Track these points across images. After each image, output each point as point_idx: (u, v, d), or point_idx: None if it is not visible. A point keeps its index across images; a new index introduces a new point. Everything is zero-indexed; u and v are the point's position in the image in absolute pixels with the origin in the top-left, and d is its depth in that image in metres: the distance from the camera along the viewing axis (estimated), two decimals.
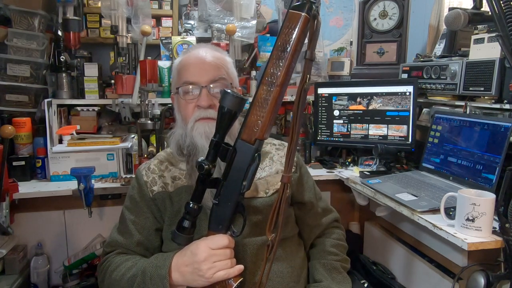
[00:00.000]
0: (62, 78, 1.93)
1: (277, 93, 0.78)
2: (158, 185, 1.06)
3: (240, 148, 0.82)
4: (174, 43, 2.10)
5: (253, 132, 0.80)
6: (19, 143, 1.84)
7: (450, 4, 2.28)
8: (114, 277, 0.98)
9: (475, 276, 1.20)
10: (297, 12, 0.77)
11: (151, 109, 1.80)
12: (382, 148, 1.81)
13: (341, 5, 2.64)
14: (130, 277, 0.95)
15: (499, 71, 1.48)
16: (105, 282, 1.01)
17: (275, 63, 0.78)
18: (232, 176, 0.83)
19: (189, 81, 1.01)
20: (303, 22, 0.76)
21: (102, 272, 1.04)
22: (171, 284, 0.88)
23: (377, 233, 1.96)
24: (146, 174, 1.08)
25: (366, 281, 1.78)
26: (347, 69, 2.38)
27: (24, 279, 1.82)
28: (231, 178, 0.83)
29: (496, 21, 0.97)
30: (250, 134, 0.80)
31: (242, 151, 0.81)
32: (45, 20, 1.92)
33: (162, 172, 1.07)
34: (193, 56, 1.04)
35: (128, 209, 1.08)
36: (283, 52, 0.77)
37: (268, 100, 0.78)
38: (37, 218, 1.90)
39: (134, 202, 1.08)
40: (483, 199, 1.16)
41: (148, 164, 1.11)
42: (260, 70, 2.19)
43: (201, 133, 0.98)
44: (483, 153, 1.47)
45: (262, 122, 0.79)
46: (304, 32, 0.77)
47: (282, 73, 0.77)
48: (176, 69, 1.07)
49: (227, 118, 0.82)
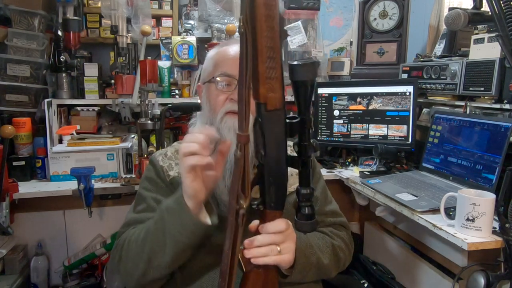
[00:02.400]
0: (62, 78, 1.93)
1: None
2: (175, 170, 1.05)
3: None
4: (174, 43, 2.10)
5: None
6: (19, 143, 1.84)
7: (450, 4, 2.29)
8: (132, 240, 0.93)
9: (475, 276, 1.20)
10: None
11: (151, 109, 1.80)
12: (382, 148, 1.81)
13: (341, 5, 2.64)
14: (147, 227, 0.91)
15: (499, 71, 1.48)
16: (122, 258, 0.94)
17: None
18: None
19: (227, 73, 1.00)
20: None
21: (118, 250, 0.97)
22: (188, 207, 0.84)
23: (377, 233, 1.96)
24: (163, 160, 1.07)
25: (366, 281, 1.79)
26: (347, 69, 2.37)
27: (24, 279, 1.82)
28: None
29: (496, 21, 0.98)
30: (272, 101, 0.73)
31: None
32: (45, 20, 1.92)
33: (178, 161, 1.07)
34: (232, 50, 1.03)
35: (147, 189, 1.05)
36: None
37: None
38: (37, 218, 1.90)
39: (152, 181, 1.05)
40: (483, 199, 1.17)
41: (165, 151, 1.11)
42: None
43: (230, 127, 0.97)
44: (483, 153, 1.47)
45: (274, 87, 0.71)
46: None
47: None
48: (212, 59, 1.05)
49: (309, 91, 0.75)
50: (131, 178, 1.81)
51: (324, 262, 0.97)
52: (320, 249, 0.98)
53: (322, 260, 0.97)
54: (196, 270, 0.98)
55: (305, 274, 0.93)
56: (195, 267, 0.98)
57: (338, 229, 1.13)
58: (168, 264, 0.89)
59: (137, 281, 0.93)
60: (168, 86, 2.11)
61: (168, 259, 0.88)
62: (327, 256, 0.99)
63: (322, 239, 1.02)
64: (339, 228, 1.13)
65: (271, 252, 0.80)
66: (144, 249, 0.88)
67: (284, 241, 0.82)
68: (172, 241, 0.86)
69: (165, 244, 0.86)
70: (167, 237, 0.86)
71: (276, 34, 0.67)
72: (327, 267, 0.99)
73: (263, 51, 0.67)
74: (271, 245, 0.81)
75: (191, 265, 0.98)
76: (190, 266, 0.98)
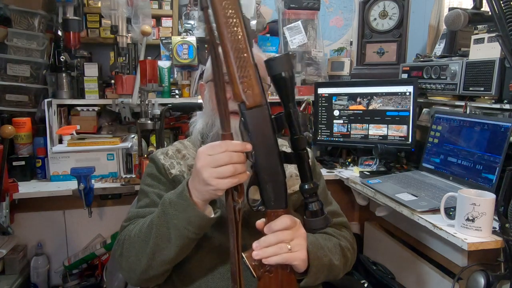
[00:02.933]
0: (62, 78, 1.93)
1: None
2: (176, 169, 1.05)
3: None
4: (174, 43, 2.10)
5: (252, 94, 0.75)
6: (19, 143, 1.84)
7: (450, 4, 2.29)
8: (134, 235, 0.92)
9: (475, 276, 1.20)
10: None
11: (151, 109, 1.80)
12: (382, 148, 1.81)
13: (341, 5, 2.64)
14: (149, 221, 0.89)
15: (499, 71, 1.48)
16: (124, 254, 0.93)
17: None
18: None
19: None
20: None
21: (119, 245, 0.96)
22: (194, 203, 0.82)
23: (377, 233, 1.96)
24: (164, 159, 1.07)
25: (366, 281, 1.79)
26: (347, 69, 2.38)
27: (24, 279, 1.82)
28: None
29: (496, 21, 0.97)
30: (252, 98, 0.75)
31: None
32: (45, 20, 1.92)
33: (180, 160, 1.07)
34: None
35: (150, 185, 1.05)
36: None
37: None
38: (37, 218, 1.90)
39: (154, 177, 1.05)
40: (483, 199, 1.16)
41: (166, 150, 1.11)
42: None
43: (231, 128, 0.97)
44: (483, 153, 1.47)
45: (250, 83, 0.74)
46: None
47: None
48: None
49: (289, 83, 0.76)
50: (131, 178, 1.81)
51: (336, 263, 0.95)
52: (330, 250, 0.96)
53: (334, 261, 0.95)
54: (194, 271, 0.98)
55: (318, 276, 0.90)
56: (194, 268, 0.98)
57: (340, 229, 1.12)
58: (172, 259, 0.88)
59: (139, 277, 0.93)
60: (168, 86, 2.11)
61: (173, 254, 0.87)
62: (337, 257, 0.97)
63: (329, 240, 1.00)
64: (341, 228, 1.12)
65: (281, 250, 0.78)
66: (148, 244, 0.88)
67: (293, 238, 0.81)
68: (177, 236, 0.85)
69: (170, 239, 0.85)
70: (172, 231, 0.85)
71: (240, 36, 0.72)
72: (338, 268, 0.97)
73: (229, 54, 0.72)
74: (280, 244, 0.79)
75: (190, 266, 0.98)
76: (188, 267, 0.98)
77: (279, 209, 0.80)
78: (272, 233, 0.79)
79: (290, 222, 0.80)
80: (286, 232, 0.80)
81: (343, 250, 1.01)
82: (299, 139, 0.78)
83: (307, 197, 0.80)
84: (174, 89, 2.15)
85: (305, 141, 0.79)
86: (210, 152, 0.76)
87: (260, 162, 0.77)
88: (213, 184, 0.75)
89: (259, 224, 0.81)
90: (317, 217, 0.79)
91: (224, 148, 0.75)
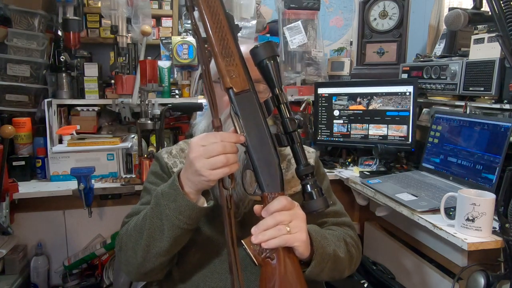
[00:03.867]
0: (62, 78, 1.93)
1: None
2: (179, 167, 1.05)
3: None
4: (174, 43, 2.10)
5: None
6: (19, 143, 1.84)
7: (450, 4, 2.29)
8: (131, 228, 0.92)
9: (475, 276, 1.20)
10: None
11: (151, 109, 1.80)
12: (382, 148, 1.81)
13: (341, 5, 2.64)
14: (144, 214, 0.90)
15: (499, 71, 1.48)
16: (122, 248, 0.94)
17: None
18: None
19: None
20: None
21: (118, 240, 0.97)
22: (185, 193, 0.83)
23: (377, 233, 1.96)
24: (168, 157, 1.08)
25: (366, 281, 1.79)
26: (347, 69, 2.38)
27: (24, 279, 1.82)
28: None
29: (496, 21, 0.97)
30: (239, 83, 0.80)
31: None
32: (45, 20, 1.92)
33: (183, 159, 1.07)
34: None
35: (152, 183, 1.05)
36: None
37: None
38: (37, 218, 1.90)
39: (158, 175, 1.06)
40: (483, 199, 1.17)
41: (170, 149, 1.11)
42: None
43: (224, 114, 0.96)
44: (483, 153, 1.47)
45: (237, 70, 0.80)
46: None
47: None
48: None
49: (273, 68, 0.80)
50: (131, 178, 1.81)
51: (341, 255, 0.93)
52: (334, 243, 0.94)
53: (339, 253, 0.93)
54: (193, 269, 0.98)
55: (323, 266, 0.88)
56: (193, 266, 0.98)
57: (343, 228, 1.12)
58: (167, 250, 0.88)
59: (137, 270, 0.92)
60: (168, 86, 2.11)
61: (167, 245, 0.86)
62: (342, 250, 0.95)
63: (333, 234, 0.99)
64: (345, 228, 1.12)
65: (280, 232, 0.77)
66: (142, 236, 0.88)
67: (292, 220, 0.79)
68: (169, 226, 0.84)
69: (163, 230, 0.85)
70: (165, 222, 0.85)
71: (224, 29, 0.80)
72: (343, 261, 0.95)
73: (213, 43, 0.79)
74: (279, 226, 0.77)
75: (189, 264, 0.98)
76: (188, 265, 0.98)
77: (275, 191, 0.80)
78: (270, 215, 0.78)
79: (287, 203, 0.79)
80: (284, 213, 0.79)
81: (348, 246, 1.00)
82: (288, 120, 0.80)
83: (304, 179, 0.80)
84: (174, 89, 2.15)
85: (295, 123, 0.80)
86: (203, 142, 0.78)
87: (252, 144, 0.79)
88: (206, 175, 0.77)
89: (257, 209, 0.81)
90: (315, 198, 0.79)
91: (219, 138, 0.77)
